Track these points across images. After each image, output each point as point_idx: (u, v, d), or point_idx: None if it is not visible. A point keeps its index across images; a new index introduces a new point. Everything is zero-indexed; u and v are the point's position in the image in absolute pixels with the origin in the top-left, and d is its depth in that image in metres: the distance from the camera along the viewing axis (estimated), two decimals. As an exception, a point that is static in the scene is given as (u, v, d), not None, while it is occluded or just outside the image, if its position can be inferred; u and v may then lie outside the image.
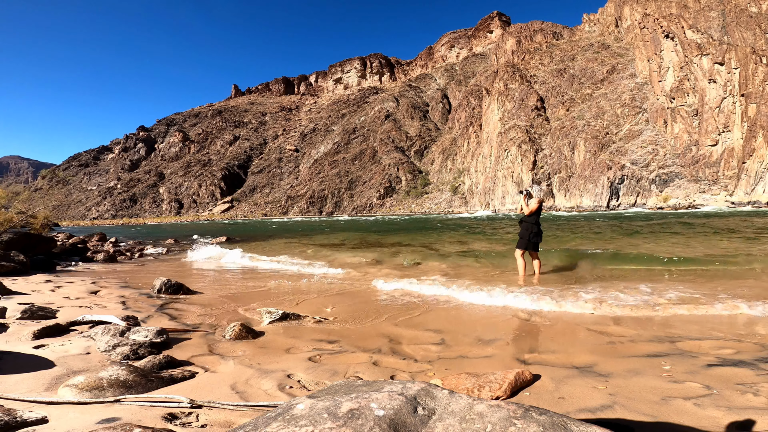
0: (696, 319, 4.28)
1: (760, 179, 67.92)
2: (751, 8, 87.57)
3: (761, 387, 2.44)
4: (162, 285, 6.35)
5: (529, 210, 7.29)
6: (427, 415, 1.34)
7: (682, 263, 7.90)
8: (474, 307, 5.17)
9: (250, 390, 2.53)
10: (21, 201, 15.90)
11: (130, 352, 3.22)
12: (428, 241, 15.84)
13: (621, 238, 14.49)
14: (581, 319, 4.44)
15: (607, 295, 5.28)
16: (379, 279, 7.05)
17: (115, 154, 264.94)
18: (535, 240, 7.25)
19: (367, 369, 3.01)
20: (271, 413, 1.36)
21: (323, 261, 10.27)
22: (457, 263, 9.25)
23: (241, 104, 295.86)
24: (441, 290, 6.03)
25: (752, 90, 73.32)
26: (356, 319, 4.69)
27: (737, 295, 5.11)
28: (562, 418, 1.30)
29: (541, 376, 2.72)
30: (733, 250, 9.58)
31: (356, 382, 1.70)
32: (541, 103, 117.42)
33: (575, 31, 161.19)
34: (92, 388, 2.33)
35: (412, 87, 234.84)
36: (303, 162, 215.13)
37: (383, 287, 6.52)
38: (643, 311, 4.61)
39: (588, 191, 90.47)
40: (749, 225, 18.86)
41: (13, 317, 4.25)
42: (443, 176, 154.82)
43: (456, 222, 41.09)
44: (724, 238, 12.76)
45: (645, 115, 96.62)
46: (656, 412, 2.16)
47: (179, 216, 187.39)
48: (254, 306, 5.41)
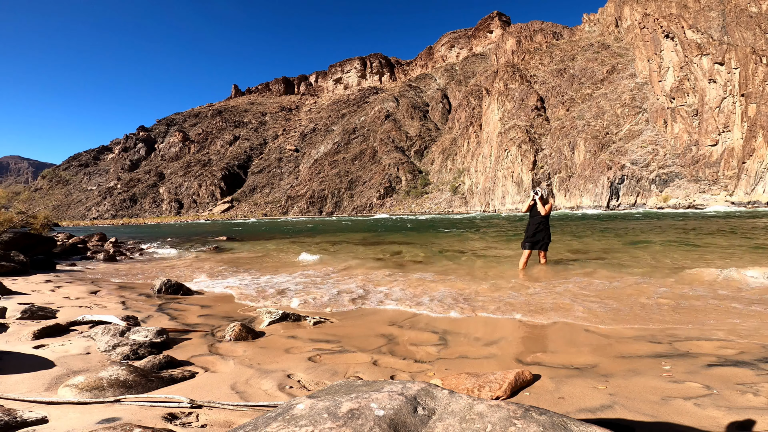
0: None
1: (760, 179, 67.92)
2: (751, 8, 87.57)
3: (761, 387, 2.44)
4: (162, 285, 6.35)
5: (545, 211, 7.95)
6: (427, 415, 1.34)
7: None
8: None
9: (250, 390, 2.53)
10: (21, 201, 15.91)
11: (130, 352, 3.22)
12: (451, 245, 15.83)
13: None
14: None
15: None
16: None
17: (115, 154, 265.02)
18: (538, 239, 7.81)
19: (367, 369, 3.00)
20: (271, 413, 1.36)
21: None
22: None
23: (241, 104, 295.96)
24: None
25: (752, 90, 73.33)
26: (357, 319, 4.69)
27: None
28: (562, 418, 1.30)
29: (541, 376, 2.72)
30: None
31: (356, 382, 1.70)
32: (541, 103, 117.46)
33: (575, 31, 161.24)
34: (92, 388, 2.33)
35: (412, 87, 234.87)
36: (303, 162, 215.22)
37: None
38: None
39: (588, 191, 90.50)
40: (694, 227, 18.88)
41: (13, 317, 4.25)
42: (443, 176, 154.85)
43: (474, 222, 41.06)
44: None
45: (645, 115, 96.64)
46: (656, 412, 2.16)
47: (179, 216, 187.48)
48: (255, 306, 5.41)
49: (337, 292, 6.29)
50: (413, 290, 6.24)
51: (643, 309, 4.76)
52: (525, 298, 5.46)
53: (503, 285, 6.44)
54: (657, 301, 5.05)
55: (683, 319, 4.32)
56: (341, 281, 7.37)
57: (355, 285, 6.89)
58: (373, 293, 6.19)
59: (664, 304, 4.95)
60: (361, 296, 6.01)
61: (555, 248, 10.85)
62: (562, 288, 6.03)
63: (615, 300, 5.18)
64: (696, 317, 4.37)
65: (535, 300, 5.31)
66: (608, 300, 5.19)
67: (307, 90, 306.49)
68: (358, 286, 6.81)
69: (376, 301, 5.69)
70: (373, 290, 6.42)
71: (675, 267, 7.66)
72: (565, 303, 5.09)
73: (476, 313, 4.86)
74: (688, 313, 4.54)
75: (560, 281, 6.57)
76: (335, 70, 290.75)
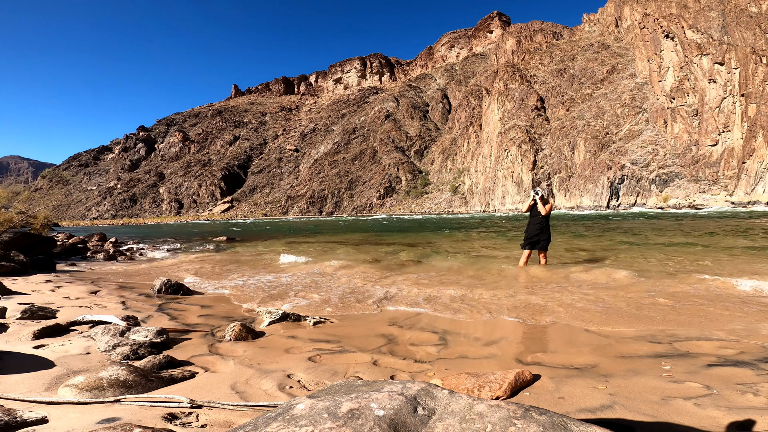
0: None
1: (760, 179, 67.93)
2: (751, 8, 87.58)
3: (761, 387, 2.44)
4: (162, 285, 6.35)
5: (545, 211, 7.92)
6: (427, 415, 1.34)
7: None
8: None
9: (250, 390, 2.53)
10: (21, 201, 15.90)
11: (130, 352, 3.22)
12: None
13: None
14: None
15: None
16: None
17: (115, 154, 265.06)
18: (538, 239, 7.83)
19: (367, 369, 3.00)
20: (271, 413, 1.36)
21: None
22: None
23: (241, 104, 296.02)
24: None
25: (752, 90, 73.33)
26: (356, 319, 4.69)
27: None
28: (562, 418, 1.30)
29: (541, 376, 2.72)
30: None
31: (356, 382, 1.70)
32: (541, 103, 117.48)
33: (575, 31, 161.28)
34: (92, 388, 2.33)
35: (412, 87, 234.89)
36: (303, 162, 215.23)
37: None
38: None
39: (588, 191, 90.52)
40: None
41: (13, 317, 4.25)
42: (443, 176, 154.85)
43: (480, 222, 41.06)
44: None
45: (645, 115, 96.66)
46: (656, 412, 2.16)
47: (179, 216, 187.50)
48: (255, 306, 5.41)
49: (337, 293, 6.29)
50: (413, 290, 6.24)
51: (643, 309, 4.76)
52: (525, 298, 5.46)
53: (503, 285, 6.44)
54: (657, 301, 5.05)
55: (683, 319, 4.32)
56: (341, 281, 7.36)
57: (355, 285, 6.89)
58: (374, 293, 6.19)
59: (663, 304, 4.95)
60: (362, 296, 6.01)
61: (555, 248, 10.85)
62: (562, 288, 6.03)
63: (615, 300, 5.18)
64: (696, 317, 4.37)
65: (535, 300, 5.31)
66: (608, 300, 5.19)
67: (307, 90, 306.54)
68: (358, 286, 6.81)
69: (377, 301, 5.69)
70: (374, 290, 6.42)
71: (675, 267, 7.67)
72: (564, 303, 5.09)
73: (476, 313, 4.85)
74: (688, 313, 4.54)
75: (560, 281, 6.57)
76: (335, 70, 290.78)
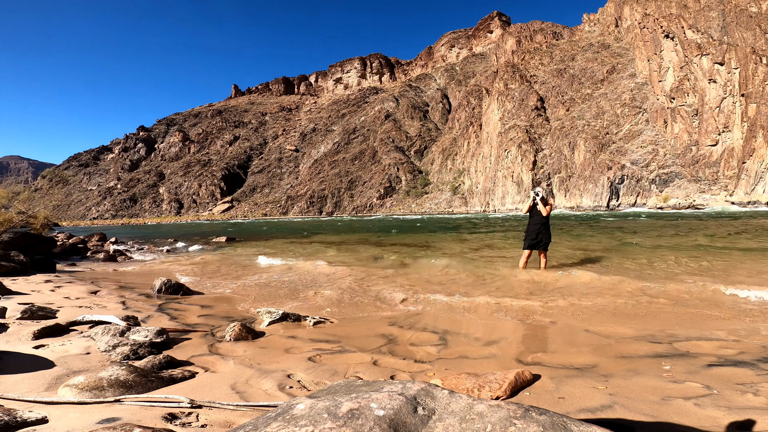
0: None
1: (760, 179, 67.92)
2: (751, 8, 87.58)
3: (761, 387, 2.44)
4: (162, 285, 6.35)
5: (545, 212, 7.84)
6: (427, 415, 1.34)
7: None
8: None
9: (250, 390, 2.53)
10: (21, 201, 15.91)
11: (130, 352, 3.22)
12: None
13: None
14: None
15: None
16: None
17: (115, 154, 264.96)
18: (538, 240, 7.78)
19: (367, 369, 3.00)
20: (271, 413, 1.36)
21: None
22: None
23: (241, 104, 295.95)
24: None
25: (752, 90, 73.33)
26: (356, 319, 4.69)
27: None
28: (562, 418, 1.30)
29: (541, 376, 2.72)
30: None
31: (356, 382, 1.70)
32: (541, 103, 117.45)
33: (575, 31, 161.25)
34: (92, 388, 2.33)
35: (412, 87, 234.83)
36: (303, 162, 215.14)
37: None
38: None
39: (588, 191, 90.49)
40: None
41: (13, 317, 4.25)
42: (443, 176, 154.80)
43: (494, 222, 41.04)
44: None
45: (645, 115, 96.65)
46: (656, 412, 2.16)
47: (179, 216, 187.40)
48: (254, 306, 5.41)
49: (338, 293, 6.29)
50: (413, 290, 6.24)
51: (643, 309, 4.77)
52: (524, 298, 5.46)
53: (503, 285, 6.44)
54: (657, 302, 5.05)
55: (683, 319, 4.32)
56: (341, 281, 7.37)
57: (356, 285, 6.89)
58: (374, 293, 6.19)
59: (663, 304, 4.95)
60: (362, 296, 6.01)
61: (555, 248, 10.85)
62: (562, 288, 6.03)
63: (615, 300, 5.18)
64: (696, 318, 4.37)
65: (535, 300, 5.30)
66: (608, 300, 5.19)
67: (307, 90, 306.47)
68: (358, 286, 6.81)
69: (377, 301, 5.69)
70: (374, 290, 6.42)
71: (675, 268, 7.66)
72: (564, 303, 5.09)
73: (476, 314, 4.85)
74: (688, 313, 4.54)
75: (560, 281, 6.57)
76: (335, 70, 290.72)
